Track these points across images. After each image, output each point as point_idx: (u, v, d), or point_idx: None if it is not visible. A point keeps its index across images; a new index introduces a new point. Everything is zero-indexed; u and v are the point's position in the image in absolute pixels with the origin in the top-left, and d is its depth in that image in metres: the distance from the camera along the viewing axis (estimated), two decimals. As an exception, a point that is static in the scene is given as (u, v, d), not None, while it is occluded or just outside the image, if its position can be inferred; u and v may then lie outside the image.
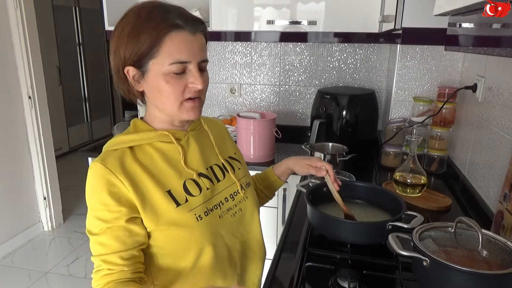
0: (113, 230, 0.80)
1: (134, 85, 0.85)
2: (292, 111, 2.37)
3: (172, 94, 0.82)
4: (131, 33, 0.80)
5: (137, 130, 0.89)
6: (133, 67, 0.82)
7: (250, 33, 1.96)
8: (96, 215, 0.82)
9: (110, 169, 0.81)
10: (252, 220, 1.00)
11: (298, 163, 1.15)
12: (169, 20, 0.79)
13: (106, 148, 0.87)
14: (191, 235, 0.85)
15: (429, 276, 0.80)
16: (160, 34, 0.78)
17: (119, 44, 0.82)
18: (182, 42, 0.80)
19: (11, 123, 2.83)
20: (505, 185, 1.05)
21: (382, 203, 1.16)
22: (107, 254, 0.80)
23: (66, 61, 4.74)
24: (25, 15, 2.75)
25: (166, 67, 0.80)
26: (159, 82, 0.81)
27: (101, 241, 0.81)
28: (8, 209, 2.85)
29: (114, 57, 0.85)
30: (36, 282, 2.53)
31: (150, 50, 0.79)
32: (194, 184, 0.89)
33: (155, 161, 0.86)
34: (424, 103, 1.73)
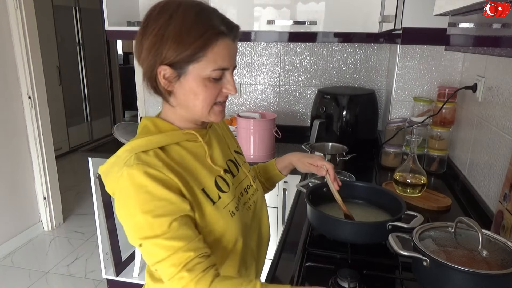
0: (183, 219, 0.77)
1: (164, 84, 0.81)
2: (292, 111, 2.37)
3: (207, 98, 0.82)
4: (177, 35, 0.77)
5: (161, 130, 0.86)
6: (170, 67, 0.79)
7: (250, 33, 1.96)
8: (158, 213, 0.74)
9: (154, 167, 0.77)
10: (262, 210, 1.03)
11: (301, 160, 1.15)
12: (216, 27, 0.78)
13: (132, 151, 0.80)
14: (228, 232, 0.86)
15: (429, 276, 0.80)
16: (208, 41, 0.77)
17: (161, 42, 0.77)
18: (226, 49, 0.80)
19: (11, 123, 2.83)
20: (505, 185, 1.05)
21: (382, 203, 1.16)
22: (191, 242, 0.75)
23: (66, 61, 4.74)
24: (25, 15, 2.75)
25: (208, 73, 0.79)
26: (197, 86, 0.80)
27: (177, 235, 0.74)
28: (8, 209, 2.85)
29: (149, 53, 0.79)
30: (36, 282, 2.53)
31: (195, 55, 0.78)
32: (223, 181, 0.89)
33: (186, 160, 0.85)
34: (424, 103, 1.73)
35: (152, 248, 0.75)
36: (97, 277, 2.56)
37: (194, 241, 0.75)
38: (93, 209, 2.23)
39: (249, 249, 0.95)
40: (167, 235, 0.74)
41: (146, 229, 0.74)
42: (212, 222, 0.83)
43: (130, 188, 0.76)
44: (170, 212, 0.75)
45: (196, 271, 0.73)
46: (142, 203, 0.75)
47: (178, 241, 0.74)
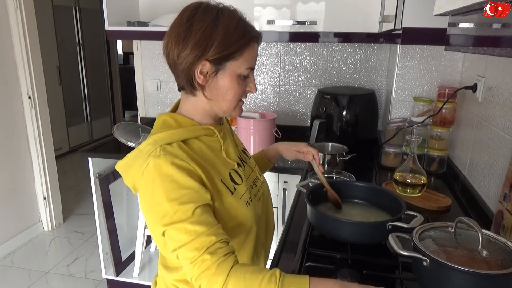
0: (205, 207, 0.81)
1: (198, 78, 0.87)
2: (292, 111, 2.37)
3: (237, 94, 0.91)
4: (224, 34, 0.85)
5: (181, 125, 0.91)
6: (209, 63, 0.86)
7: (250, 33, 1.96)
8: (183, 201, 0.78)
9: (180, 158, 0.82)
10: (268, 202, 1.10)
11: (287, 148, 1.24)
12: (251, 31, 0.89)
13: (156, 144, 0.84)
14: (245, 220, 0.92)
15: (429, 276, 0.80)
16: (248, 41, 0.87)
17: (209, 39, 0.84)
18: (255, 51, 0.91)
19: (11, 123, 2.83)
20: (505, 185, 1.05)
21: (382, 203, 1.16)
22: (213, 227, 0.78)
23: (66, 61, 4.74)
24: (25, 15, 2.75)
25: (243, 70, 0.89)
26: (232, 82, 0.89)
27: (199, 219, 0.78)
28: (8, 209, 2.85)
29: (194, 49, 0.84)
30: (36, 282, 2.53)
31: (235, 53, 0.86)
32: (236, 174, 0.96)
33: (205, 153, 0.91)
34: (424, 103, 1.73)
35: (175, 233, 0.78)
36: (97, 277, 2.56)
37: (215, 227, 0.79)
38: (93, 209, 2.23)
39: (260, 238, 1.01)
40: (191, 220, 0.77)
41: (172, 215, 0.78)
42: (232, 211, 0.89)
43: (156, 178, 0.80)
44: (194, 199, 0.80)
45: (218, 255, 0.75)
46: (169, 192, 0.79)
47: (201, 226, 0.77)
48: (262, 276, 0.72)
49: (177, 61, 0.87)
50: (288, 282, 0.71)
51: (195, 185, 0.81)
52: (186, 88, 0.91)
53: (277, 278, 0.71)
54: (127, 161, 0.89)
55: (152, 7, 2.32)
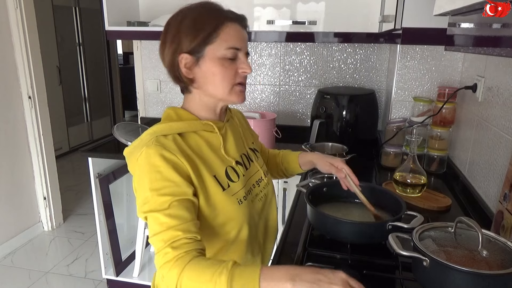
0: (183, 202, 0.83)
1: (185, 73, 0.91)
2: (292, 111, 2.37)
3: (226, 77, 0.90)
4: (192, 23, 0.88)
5: (182, 118, 0.94)
6: (188, 54, 0.89)
7: (250, 33, 1.96)
8: (163, 192, 0.82)
9: (170, 150, 0.85)
10: (272, 204, 1.11)
11: (322, 159, 1.21)
12: (226, 13, 0.91)
13: (153, 134, 0.89)
14: (235, 217, 0.93)
15: (429, 276, 0.80)
16: (219, 22, 0.88)
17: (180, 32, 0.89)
18: (236, 31, 0.90)
19: (11, 123, 2.83)
20: (505, 185, 1.05)
21: (382, 203, 1.16)
22: (183, 223, 0.81)
23: (66, 61, 4.74)
24: (25, 15, 2.75)
25: (223, 51, 0.88)
26: (215, 65, 0.89)
27: (173, 213, 0.81)
28: (8, 209, 2.85)
29: (171, 46, 0.90)
30: (36, 282, 2.53)
31: (210, 36, 0.88)
32: (233, 171, 0.97)
33: (201, 148, 0.93)
34: (424, 103, 1.73)
35: (151, 221, 0.82)
36: (97, 277, 2.56)
37: (187, 223, 0.81)
38: (93, 209, 2.23)
39: (256, 240, 1.02)
40: (165, 212, 0.81)
41: (151, 203, 0.82)
42: (221, 206, 0.91)
43: (145, 166, 0.84)
44: (173, 192, 0.82)
45: (179, 250, 0.77)
46: (152, 181, 0.83)
47: (173, 219, 0.80)
48: (215, 269, 0.73)
49: (164, 62, 0.93)
50: (239, 272, 0.72)
51: (178, 179, 0.83)
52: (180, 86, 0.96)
53: (228, 269, 0.72)
54: (131, 149, 0.92)
55: (152, 7, 2.32)
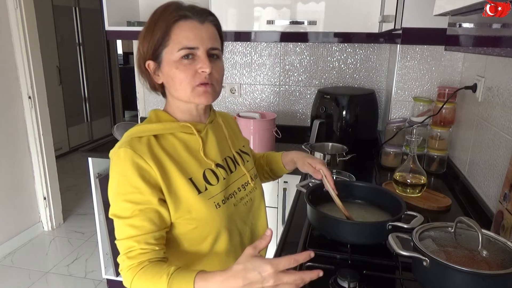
0: (146, 212, 0.83)
1: (154, 78, 0.92)
2: (292, 111, 2.37)
3: (183, 79, 0.87)
4: (147, 28, 0.89)
5: (160, 120, 0.94)
6: (152, 60, 0.90)
7: (250, 33, 1.96)
8: (127, 198, 0.83)
9: (139, 154, 0.84)
10: (260, 209, 1.09)
11: (301, 159, 1.19)
12: (178, 12, 0.87)
13: (129, 136, 0.89)
14: (211, 222, 0.90)
15: (429, 276, 0.80)
16: (169, 23, 0.86)
17: (140, 41, 0.91)
18: (190, 29, 0.87)
19: (11, 123, 2.83)
20: (505, 185, 1.05)
21: (382, 203, 1.16)
22: (141, 235, 0.82)
23: (66, 61, 4.74)
24: (25, 15, 2.75)
25: (176, 54, 0.86)
26: (171, 69, 0.88)
27: (134, 223, 0.82)
28: (8, 209, 2.85)
29: (137, 54, 0.92)
30: (36, 282, 2.53)
31: (163, 39, 0.87)
32: (212, 174, 0.94)
33: (177, 150, 0.91)
34: (424, 103, 1.73)
35: (115, 225, 0.85)
36: (97, 277, 2.56)
37: (145, 235, 0.82)
38: (93, 209, 2.23)
39: (241, 246, 0.99)
40: (127, 221, 0.82)
41: (115, 208, 0.85)
42: (195, 210, 0.89)
43: (115, 168, 0.86)
44: (137, 200, 0.83)
45: (133, 260, 0.81)
46: (119, 184, 0.84)
47: (133, 229, 0.82)
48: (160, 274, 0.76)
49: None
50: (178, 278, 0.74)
51: (143, 186, 0.83)
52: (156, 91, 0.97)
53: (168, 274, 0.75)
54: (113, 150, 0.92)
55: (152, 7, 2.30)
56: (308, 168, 1.15)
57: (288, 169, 1.24)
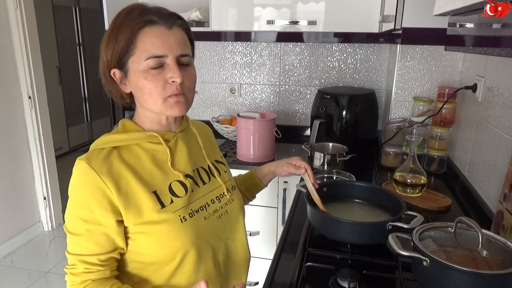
0: (93, 233, 0.81)
1: (122, 88, 0.86)
2: (292, 111, 2.37)
3: (153, 90, 0.81)
4: (110, 34, 0.82)
5: (126, 130, 0.88)
6: (117, 69, 0.83)
7: (250, 33, 1.96)
8: (78, 214, 0.81)
9: (95, 170, 0.79)
10: (237, 223, 1.01)
11: (279, 164, 1.16)
12: (143, 17, 0.80)
13: (93, 147, 0.85)
14: (175, 237, 0.84)
15: (429, 276, 0.80)
16: (134, 30, 0.79)
17: (103, 47, 0.83)
18: (156, 36, 0.80)
19: (11, 123, 2.83)
20: (505, 185, 1.05)
21: (382, 203, 1.16)
22: (85, 255, 0.81)
23: (66, 61, 4.74)
24: (25, 15, 2.75)
25: (143, 63, 0.80)
26: (139, 80, 0.81)
27: (80, 242, 0.81)
28: (8, 209, 2.85)
29: (100, 63, 0.85)
30: (36, 282, 2.53)
31: (128, 47, 0.80)
32: (180, 186, 0.89)
33: (142, 162, 0.86)
34: (424, 103, 1.73)
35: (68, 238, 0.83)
36: (97, 277, 2.56)
37: (90, 257, 0.81)
38: (93, 209, 2.23)
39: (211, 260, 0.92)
40: (75, 238, 0.81)
41: (67, 221, 0.83)
42: (158, 225, 0.83)
43: (72, 179, 0.82)
44: (86, 218, 0.80)
45: (76, 277, 0.82)
46: (72, 198, 0.82)
47: (78, 247, 0.81)
48: None
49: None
50: None
51: (93, 204, 0.79)
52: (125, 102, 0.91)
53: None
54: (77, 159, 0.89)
55: (152, 7, 2.32)
56: (288, 168, 1.13)
57: (265, 183, 1.20)
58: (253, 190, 1.21)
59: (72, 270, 0.82)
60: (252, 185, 1.19)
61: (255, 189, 1.21)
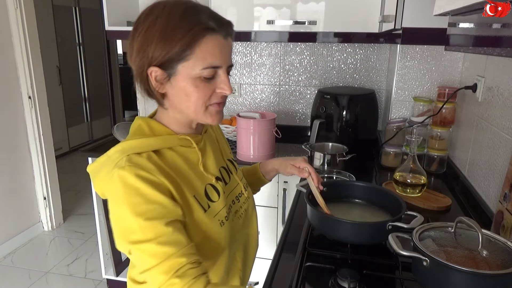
0: (175, 223, 0.74)
1: (155, 87, 0.79)
2: (292, 111, 2.37)
3: (199, 98, 0.79)
4: (162, 33, 0.74)
5: (155, 133, 0.83)
6: (159, 68, 0.77)
7: (250, 33, 1.96)
8: (149, 216, 0.72)
9: (147, 171, 0.74)
10: (252, 219, 1.04)
11: (283, 163, 1.14)
12: (203, 23, 0.75)
13: (124, 152, 0.77)
14: (216, 240, 0.84)
15: (429, 276, 0.80)
16: (195, 37, 0.74)
17: (147, 42, 0.75)
18: (216, 46, 0.77)
19: (11, 123, 2.83)
20: (505, 185, 1.05)
21: (382, 203, 1.16)
22: (182, 248, 0.72)
23: (66, 61, 4.74)
24: (25, 15, 2.75)
25: (198, 71, 0.76)
26: (188, 86, 0.77)
27: (167, 240, 0.71)
28: (8, 209, 2.85)
29: (138, 55, 0.77)
30: (36, 282, 2.53)
31: (183, 53, 0.75)
32: (213, 189, 0.87)
33: (179, 166, 0.82)
34: (424, 103, 1.73)
35: (141, 254, 0.72)
36: (97, 277, 2.56)
37: (186, 247, 0.73)
38: (93, 209, 2.23)
39: (234, 259, 0.94)
40: (160, 240, 0.71)
41: (138, 232, 0.71)
42: (202, 230, 0.81)
43: (121, 191, 0.73)
44: (162, 215, 0.73)
45: (187, 277, 0.70)
46: (134, 206, 0.72)
47: (170, 246, 0.71)
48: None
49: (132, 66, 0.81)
50: None
51: (163, 199, 0.73)
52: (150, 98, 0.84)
53: None
54: (96, 166, 0.83)
55: (152, 7, 2.32)
56: (292, 169, 1.11)
57: (268, 178, 1.18)
58: (256, 184, 1.20)
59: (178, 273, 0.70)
60: (256, 180, 1.18)
61: (258, 184, 1.20)
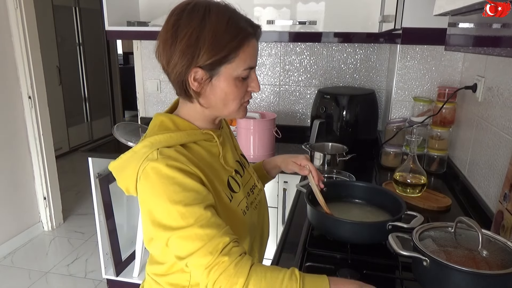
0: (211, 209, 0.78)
1: (192, 85, 0.82)
2: (292, 111, 2.37)
3: (237, 96, 0.86)
4: (213, 38, 0.79)
5: (180, 128, 0.88)
6: (201, 69, 0.81)
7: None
8: (187, 203, 0.75)
9: (179, 161, 0.78)
10: (265, 211, 1.07)
11: (285, 160, 1.17)
12: (245, 29, 0.83)
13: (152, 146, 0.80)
14: (239, 229, 0.88)
15: (429, 276, 0.80)
16: (241, 42, 0.81)
17: (197, 45, 0.79)
18: (253, 49, 0.85)
19: (11, 123, 2.83)
20: (505, 185, 1.05)
21: (382, 203, 1.16)
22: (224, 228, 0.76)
23: (66, 61, 4.74)
24: (25, 15, 2.75)
25: (239, 72, 0.83)
26: (229, 86, 0.84)
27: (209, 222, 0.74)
28: (8, 209, 2.85)
29: (183, 56, 0.80)
30: (36, 282, 2.53)
31: (228, 56, 0.81)
32: (234, 181, 0.92)
33: (204, 158, 0.87)
34: (424, 103, 1.73)
35: (183, 241, 0.74)
36: (97, 277, 2.56)
37: (226, 228, 0.76)
38: (93, 209, 2.23)
39: (253, 249, 0.98)
40: (201, 223, 0.74)
41: (178, 219, 0.74)
42: (228, 218, 0.84)
43: (156, 182, 0.76)
44: (199, 200, 0.76)
45: (234, 255, 0.73)
46: (171, 194, 0.75)
47: (212, 228, 0.74)
48: (282, 275, 0.72)
49: (168, 69, 0.83)
50: (309, 281, 0.71)
51: (198, 186, 0.77)
52: (181, 95, 0.88)
53: (297, 278, 0.71)
54: (121, 162, 0.85)
55: (152, 7, 2.32)
56: (293, 167, 1.13)
57: (272, 175, 1.21)
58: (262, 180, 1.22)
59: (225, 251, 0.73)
60: (261, 176, 1.21)
61: (263, 180, 1.22)
